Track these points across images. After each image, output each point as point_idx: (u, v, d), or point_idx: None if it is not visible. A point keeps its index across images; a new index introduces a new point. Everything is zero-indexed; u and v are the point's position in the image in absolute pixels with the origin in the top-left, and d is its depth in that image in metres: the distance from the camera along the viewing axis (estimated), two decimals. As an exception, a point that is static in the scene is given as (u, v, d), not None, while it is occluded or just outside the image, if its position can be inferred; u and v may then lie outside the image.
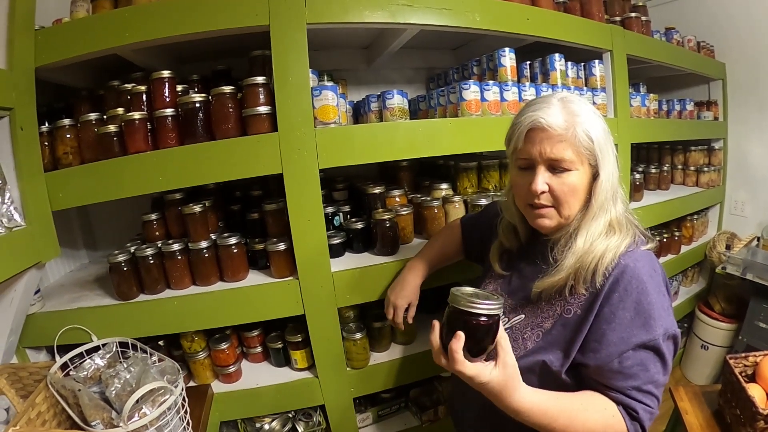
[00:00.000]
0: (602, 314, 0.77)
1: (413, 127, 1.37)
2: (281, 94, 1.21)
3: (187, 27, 1.21)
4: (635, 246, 0.81)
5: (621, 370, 0.75)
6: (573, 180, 0.80)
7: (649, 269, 0.78)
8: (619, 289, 0.76)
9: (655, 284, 0.77)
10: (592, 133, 0.78)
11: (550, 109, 0.79)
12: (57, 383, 1.05)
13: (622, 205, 0.84)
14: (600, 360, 0.76)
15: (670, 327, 0.76)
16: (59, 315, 1.31)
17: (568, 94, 0.83)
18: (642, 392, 0.75)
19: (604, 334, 0.76)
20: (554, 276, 0.82)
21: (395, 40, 1.55)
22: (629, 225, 0.83)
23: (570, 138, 0.78)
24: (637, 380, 0.75)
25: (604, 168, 0.80)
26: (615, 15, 2.01)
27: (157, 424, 0.96)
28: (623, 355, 0.75)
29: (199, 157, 1.23)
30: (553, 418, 0.74)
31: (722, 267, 2.25)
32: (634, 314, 0.75)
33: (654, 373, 0.75)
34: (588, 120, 0.79)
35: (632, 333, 0.75)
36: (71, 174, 1.27)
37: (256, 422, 1.54)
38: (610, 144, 0.81)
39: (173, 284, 1.36)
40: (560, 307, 0.83)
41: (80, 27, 1.25)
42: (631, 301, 0.75)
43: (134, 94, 1.34)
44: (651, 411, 0.76)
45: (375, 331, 1.53)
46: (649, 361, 0.75)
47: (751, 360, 1.33)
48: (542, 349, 0.83)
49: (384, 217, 1.45)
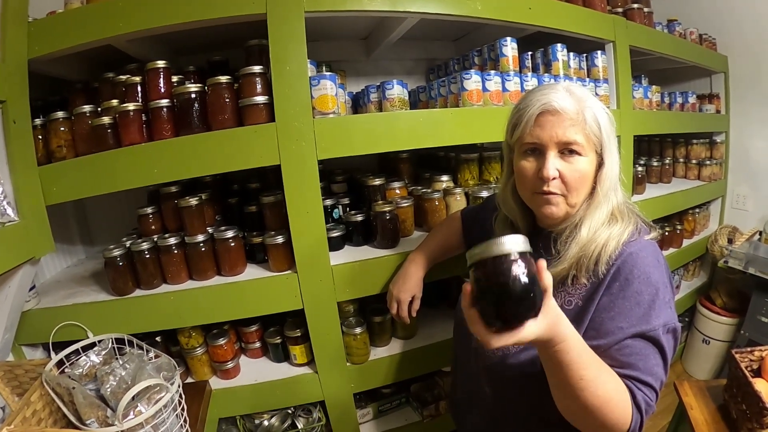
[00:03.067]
0: (602, 304, 0.76)
1: (414, 117, 1.35)
2: (279, 84, 1.19)
3: (183, 16, 1.19)
4: (638, 235, 0.79)
5: (619, 359, 0.73)
6: (583, 166, 0.79)
7: (652, 259, 0.76)
8: (620, 278, 0.75)
9: (658, 275, 0.75)
10: (600, 119, 0.79)
11: (559, 94, 0.78)
12: (52, 381, 1.03)
13: (622, 194, 0.84)
14: (597, 349, 0.73)
15: (671, 320, 0.74)
16: (54, 311, 1.29)
17: (571, 84, 0.83)
18: (641, 382, 0.72)
19: (603, 323, 0.75)
20: (557, 267, 0.80)
21: (395, 29, 1.52)
22: (630, 213, 0.82)
23: (581, 123, 0.77)
24: (636, 370, 0.72)
25: (609, 156, 0.80)
26: (617, 6, 1.98)
27: (153, 422, 0.94)
28: (621, 343, 0.73)
29: (194, 149, 1.21)
30: (586, 364, 0.66)
31: (724, 261, 2.24)
32: (633, 304, 0.73)
33: (653, 365, 0.72)
34: (595, 105, 0.80)
35: (631, 322, 0.73)
36: (65, 167, 1.25)
37: (255, 418, 1.52)
38: (614, 132, 0.81)
39: (170, 279, 1.34)
40: (561, 298, 0.81)
41: (73, 17, 1.23)
42: (632, 291, 0.74)
43: (129, 86, 1.31)
44: (649, 403, 0.72)
45: (375, 325, 1.51)
46: (648, 352, 0.72)
47: (756, 354, 1.32)
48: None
49: (384, 210, 1.43)
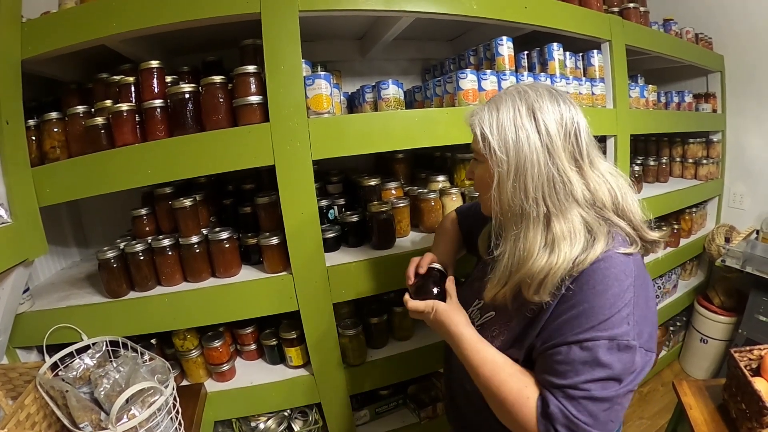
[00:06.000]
0: (554, 313, 0.72)
1: (409, 116, 1.34)
2: (273, 84, 1.19)
3: (176, 15, 1.18)
4: (612, 242, 0.72)
5: (550, 365, 0.69)
6: (479, 172, 0.83)
7: (615, 272, 0.69)
8: (575, 289, 0.70)
9: (619, 289, 0.68)
10: (485, 128, 0.77)
11: (482, 105, 0.82)
12: (46, 384, 1.03)
13: (584, 211, 0.74)
14: (536, 353, 0.73)
15: (623, 336, 0.66)
16: (48, 314, 1.28)
17: (522, 87, 0.79)
18: (566, 396, 0.66)
19: (546, 329, 0.73)
20: (492, 290, 0.82)
21: (390, 29, 1.52)
22: (598, 231, 0.72)
23: (473, 130, 0.81)
24: (563, 379, 0.67)
25: (511, 167, 0.74)
26: (613, 5, 1.99)
27: (146, 426, 0.94)
28: (555, 348, 0.69)
29: (188, 149, 1.20)
30: (482, 361, 0.78)
31: (721, 260, 2.24)
32: (579, 313, 0.68)
33: (585, 380, 0.65)
34: (490, 114, 0.77)
35: (570, 328, 0.68)
36: (58, 168, 1.24)
37: (251, 421, 1.51)
38: (526, 142, 0.73)
39: (164, 281, 1.33)
40: (525, 305, 0.78)
41: (66, 17, 1.22)
42: (580, 299, 0.69)
43: (122, 86, 1.31)
44: (569, 417, 0.65)
45: (372, 327, 1.51)
46: (581, 365, 0.66)
47: (755, 353, 1.32)
48: (508, 348, 0.80)
49: (380, 210, 1.42)
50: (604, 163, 0.79)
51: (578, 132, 0.75)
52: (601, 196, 0.75)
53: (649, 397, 2.38)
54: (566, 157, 0.74)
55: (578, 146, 0.75)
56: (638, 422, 2.19)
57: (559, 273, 0.70)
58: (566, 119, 0.74)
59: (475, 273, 1.03)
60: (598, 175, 0.76)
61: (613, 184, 0.76)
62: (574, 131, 0.75)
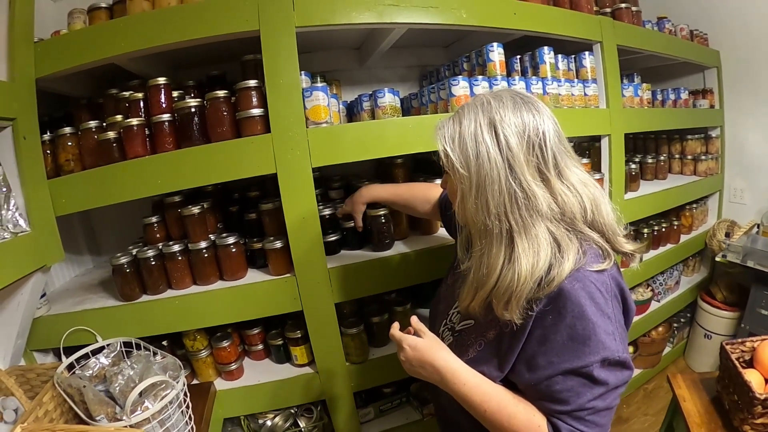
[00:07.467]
0: (534, 335, 0.72)
1: (403, 123, 1.39)
2: (273, 97, 1.24)
3: (180, 35, 1.24)
4: (582, 264, 0.70)
5: (550, 394, 0.71)
6: (450, 184, 0.82)
7: (589, 291, 0.69)
8: (552, 311, 0.70)
9: (596, 308, 0.68)
10: (447, 144, 0.75)
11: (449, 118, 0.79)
12: (63, 382, 1.08)
13: (552, 225, 0.71)
14: (527, 381, 0.73)
15: (613, 353, 0.68)
16: (65, 317, 1.35)
17: (486, 98, 0.76)
18: (573, 418, 0.69)
19: (534, 357, 0.72)
20: (463, 302, 0.81)
21: (385, 39, 1.57)
22: (567, 247, 0.70)
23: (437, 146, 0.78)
24: (567, 405, 0.69)
25: (473, 183, 0.72)
26: (605, 6, 2.02)
27: (159, 418, 0.99)
28: (552, 379, 0.70)
29: (195, 160, 1.27)
30: (485, 396, 0.75)
31: (723, 255, 2.25)
32: (567, 339, 0.69)
33: (588, 400, 0.68)
34: (453, 129, 0.75)
35: (563, 358, 0.69)
36: (73, 180, 1.30)
37: (258, 418, 1.57)
38: (487, 158, 0.71)
39: (174, 284, 1.39)
40: (500, 318, 0.76)
41: (77, 38, 1.29)
42: (565, 325, 0.69)
43: (132, 101, 1.37)
44: None
45: (373, 326, 1.55)
46: (581, 388, 0.68)
47: (748, 345, 1.32)
48: (481, 359, 0.80)
49: (378, 214, 1.47)
50: (576, 171, 0.74)
51: (543, 142, 0.71)
52: (570, 208, 0.72)
53: (654, 394, 2.39)
54: (530, 171, 0.70)
55: (543, 157, 0.71)
56: (643, 418, 2.21)
57: (525, 292, 0.69)
58: (530, 130, 0.71)
59: (457, 274, 0.98)
60: (568, 186, 0.72)
61: (583, 195, 0.73)
62: (539, 142, 0.71)
